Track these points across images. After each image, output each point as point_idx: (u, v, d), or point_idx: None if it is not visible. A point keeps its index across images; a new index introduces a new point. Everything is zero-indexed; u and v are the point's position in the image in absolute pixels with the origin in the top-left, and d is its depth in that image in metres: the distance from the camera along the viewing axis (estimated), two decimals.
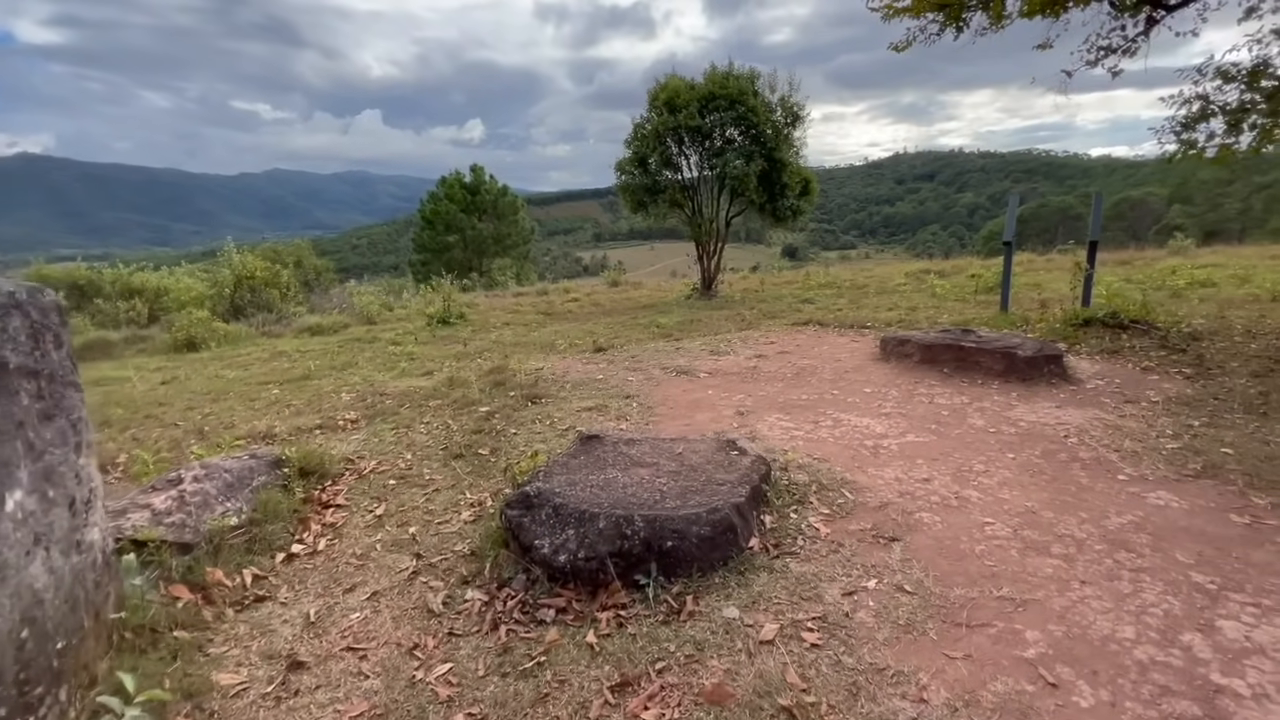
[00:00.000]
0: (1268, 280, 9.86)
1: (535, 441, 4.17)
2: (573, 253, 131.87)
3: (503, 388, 5.55)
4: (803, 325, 8.43)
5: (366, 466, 4.01)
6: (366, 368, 7.83)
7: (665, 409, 4.68)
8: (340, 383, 6.96)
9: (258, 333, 13.02)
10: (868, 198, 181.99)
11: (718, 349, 6.54)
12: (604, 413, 4.66)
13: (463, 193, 29.40)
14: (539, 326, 11.50)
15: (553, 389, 5.46)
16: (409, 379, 6.71)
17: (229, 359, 10.04)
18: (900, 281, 14.37)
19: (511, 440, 4.23)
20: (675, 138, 13.42)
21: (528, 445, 4.10)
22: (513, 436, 4.30)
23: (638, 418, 4.50)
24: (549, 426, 4.44)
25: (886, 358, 5.49)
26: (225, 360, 9.85)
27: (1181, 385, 4.60)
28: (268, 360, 9.43)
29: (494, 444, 4.20)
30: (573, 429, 4.36)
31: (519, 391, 5.37)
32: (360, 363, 8.29)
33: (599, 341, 7.96)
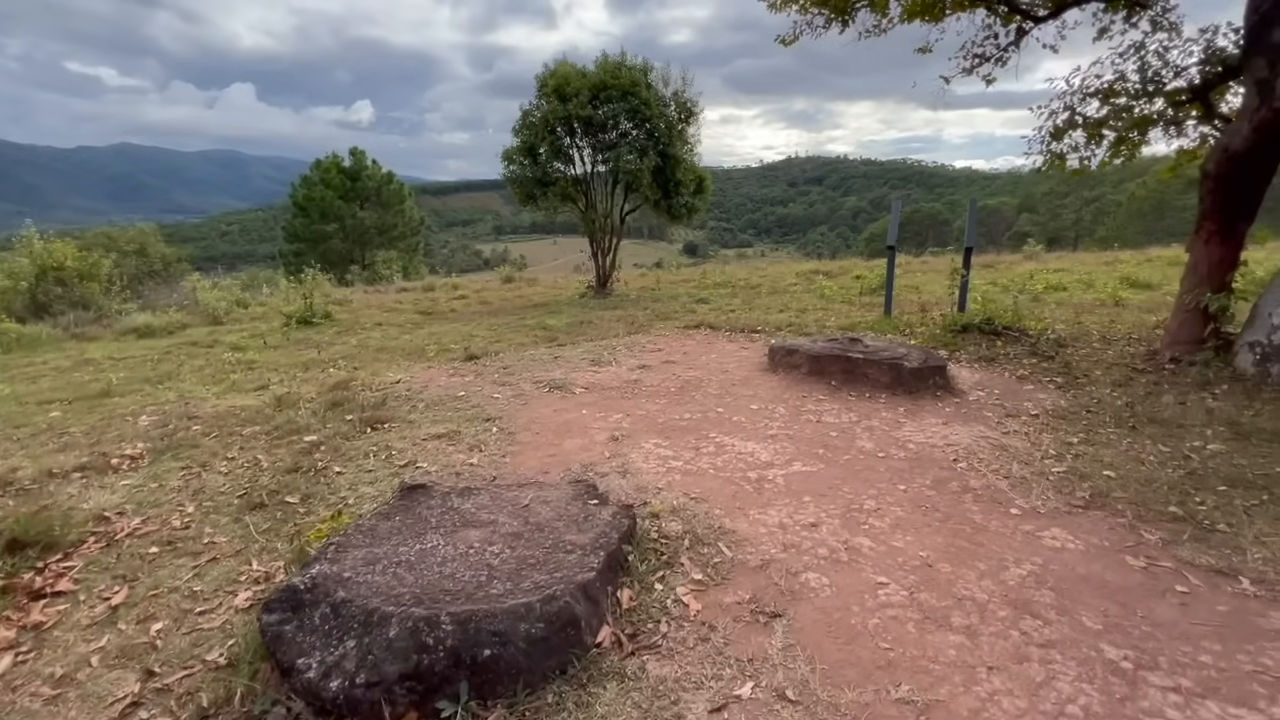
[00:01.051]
0: (1108, 286, 10.70)
1: (363, 483, 3.38)
2: (472, 245, 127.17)
3: (341, 409, 4.65)
4: (694, 328, 8.05)
5: (124, 527, 3.05)
6: (189, 380, 6.55)
7: (530, 435, 4.03)
8: (146, 400, 5.72)
9: (66, 335, 10.94)
10: (763, 198, 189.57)
11: (600, 358, 5.96)
12: (455, 441, 3.93)
13: (341, 178, 27.00)
14: (414, 328, 10.43)
15: (402, 410, 4.64)
16: (234, 396, 5.60)
17: (15, 369, 8.22)
18: (791, 282, 14.52)
19: (333, 482, 3.41)
20: (566, 127, 12.70)
21: (352, 489, 3.31)
22: (336, 477, 3.48)
23: (495, 448, 3.82)
24: (384, 462, 3.66)
25: (775, 368, 5.16)
26: (9, 371, 8.05)
27: (1055, 396, 4.57)
28: (67, 370, 7.79)
29: (310, 488, 3.36)
30: (414, 463, 3.61)
31: (359, 414, 4.50)
32: (184, 374, 6.96)
33: (473, 347, 7.15)
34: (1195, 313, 4.99)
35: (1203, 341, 4.94)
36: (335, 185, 26.81)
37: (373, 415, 4.49)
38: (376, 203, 28.01)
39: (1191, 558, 2.45)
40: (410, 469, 3.53)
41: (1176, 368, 4.92)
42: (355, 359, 7.44)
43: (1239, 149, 4.45)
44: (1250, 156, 4.47)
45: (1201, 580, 2.31)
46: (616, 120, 12.59)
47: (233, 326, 11.57)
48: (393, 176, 28.25)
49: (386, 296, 16.65)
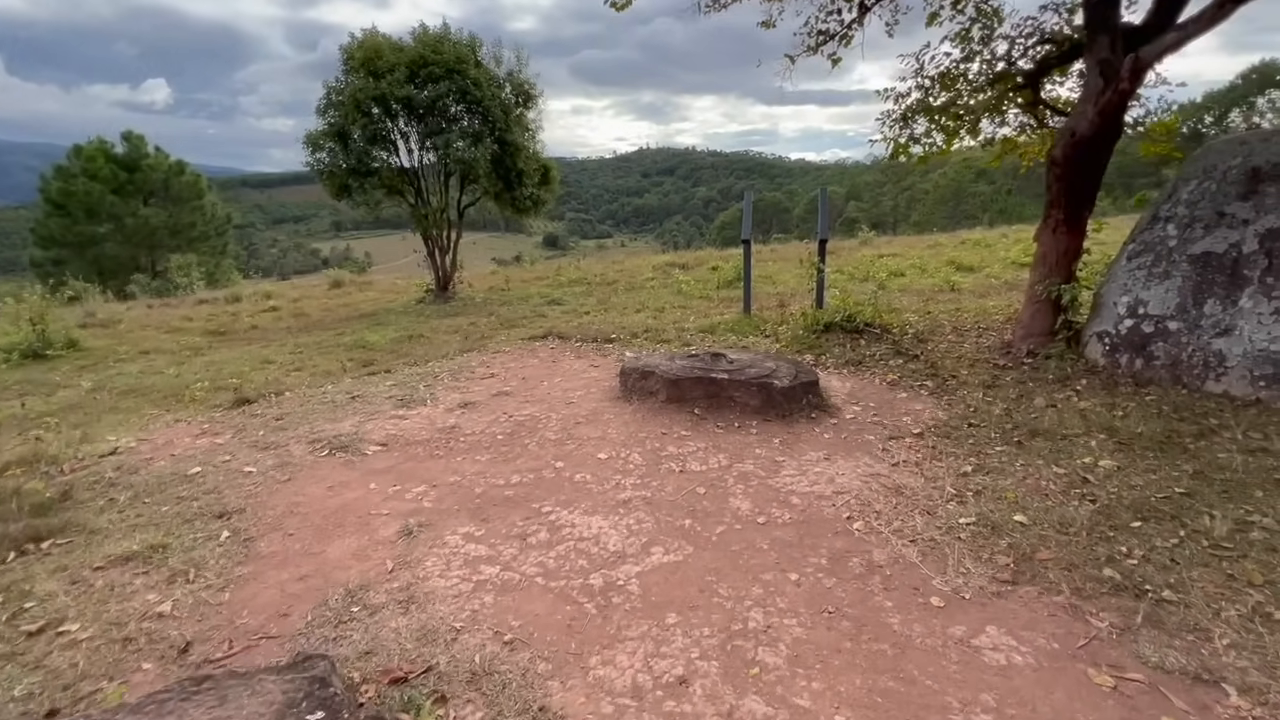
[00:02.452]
0: (940, 272, 11.19)
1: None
2: (308, 244, 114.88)
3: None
4: (541, 339, 6.97)
5: None
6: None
7: (279, 539, 2.74)
8: None
9: None
10: (619, 189, 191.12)
11: (414, 394, 4.69)
12: (152, 566, 2.55)
13: (111, 168, 22.22)
14: (191, 356, 8.30)
15: (92, 507, 3.10)
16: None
17: None
18: (648, 276, 13.88)
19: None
20: (383, 109, 10.91)
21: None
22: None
23: (214, 572, 2.50)
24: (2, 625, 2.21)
25: (628, 395, 4.25)
26: None
27: (932, 406, 4.12)
28: None
29: None
30: (60, 623, 2.21)
31: (12, 524, 2.91)
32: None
33: (253, 384, 5.51)
34: (1046, 303, 4.83)
35: (1054, 333, 4.79)
36: (104, 177, 21.97)
37: (34, 525, 2.92)
38: (165, 198, 23.50)
39: (1158, 658, 1.86)
40: (43, 636, 2.13)
41: (1034, 361, 4.73)
42: (81, 411, 5.48)
43: (1085, 133, 4.27)
44: (1094, 141, 4.31)
45: (1186, 702, 1.72)
46: (444, 103, 11.03)
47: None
48: (184, 166, 23.75)
49: (176, 311, 13.67)
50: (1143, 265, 4.39)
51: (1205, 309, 4.03)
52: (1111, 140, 4.40)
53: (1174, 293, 4.19)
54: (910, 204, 70.00)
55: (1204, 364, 3.98)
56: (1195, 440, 3.34)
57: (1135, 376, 4.25)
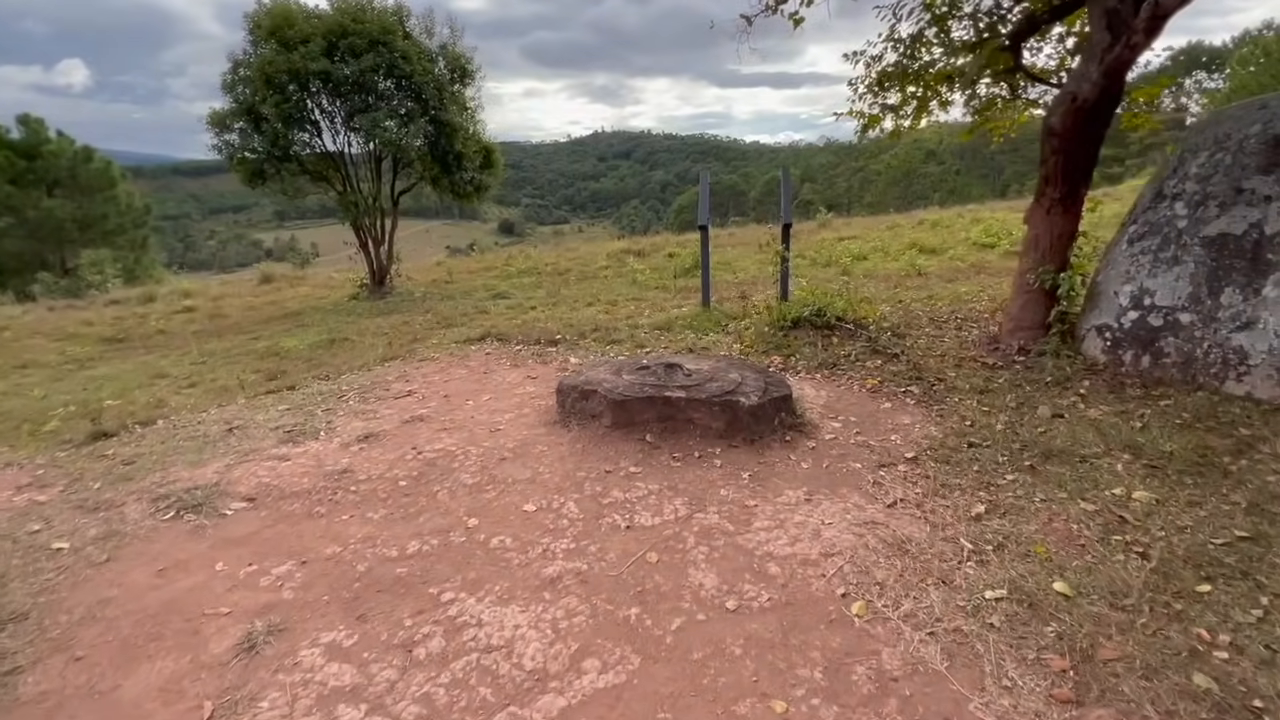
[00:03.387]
0: (904, 255, 10.75)
1: None
2: (249, 235, 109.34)
3: None
4: (477, 341, 6.15)
5: None
6: None
7: (58, 667, 1.93)
8: None
9: None
10: (575, 174, 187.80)
11: (308, 421, 3.84)
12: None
13: (6, 155, 20.06)
14: (74, 370, 7.18)
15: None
16: None
17: None
18: (602, 265, 13.08)
19: None
20: (299, 84, 9.74)
21: None
22: None
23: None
24: None
25: (567, 419, 3.52)
26: None
27: (921, 419, 3.53)
28: None
29: None
30: None
31: None
32: None
33: (122, 410, 4.56)
34: (1038, 294, 4.29)
35: (1047, 327, 4.26)
36: (1, 167, 19.85)
37: None
38: (72, 187, 21.40)
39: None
40: None
41: (1027, 359, 4.19)
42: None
43: (1089, 97, 3.70)
44: (1097, 106, 3.75)
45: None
46: (370, 78, 9.92)
47: None
48: (92, 153, 21.59)
49: (79, 314, 12.22)
50: (1147, 249, 3.87)
51: (1222, 299, 3.52)
52: (1114, 106, 3.85)
53: (1185, 280, 3.67)
54: (863, 185, 70.66)
55: (1222, 362, 3.48)
56: (1234, 459, 2.82)
57: (1142, 376, 3.74)
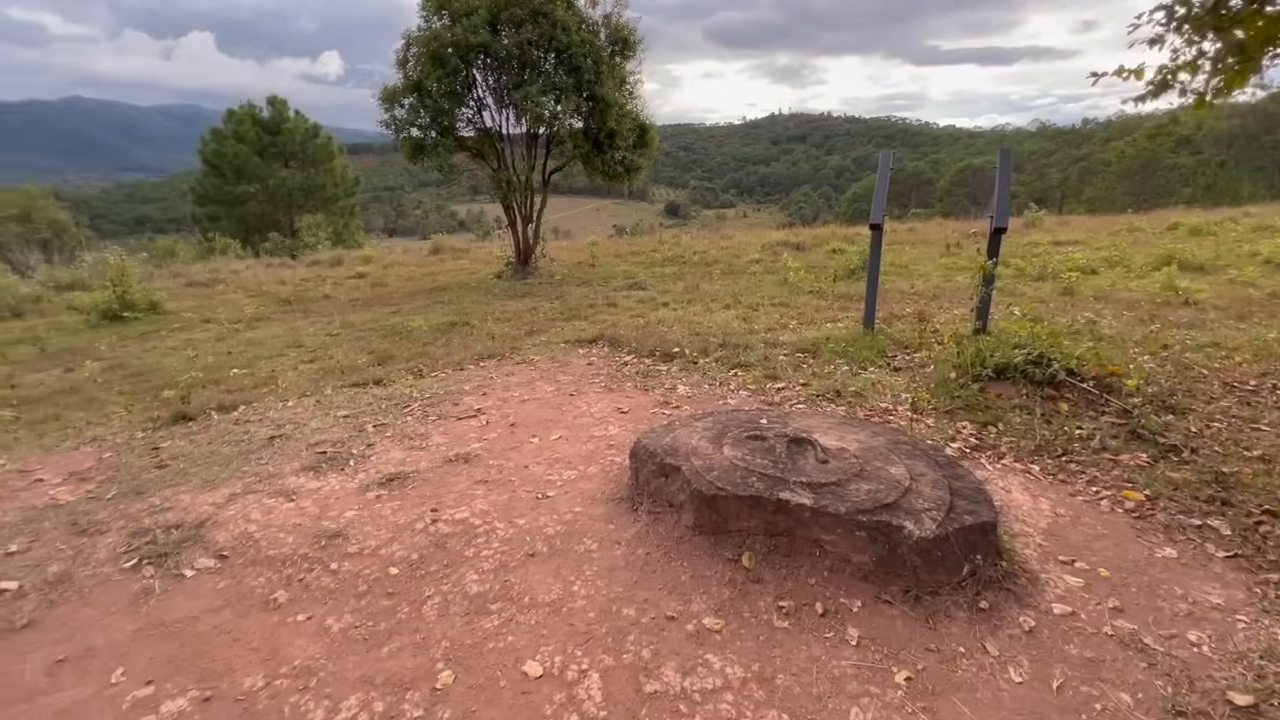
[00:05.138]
0: (1155, 272, 8.07)
1: None
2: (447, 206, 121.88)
3: None
4: (587, 344, 5.32)
5: None
6: None
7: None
8: None
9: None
10: (746, 157, 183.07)
11: (348, 441, 3.21)
12: None
13: (257, 131, 23.34)
14: (241, 330, 7.58)
15: None
16: None
17: None
18: (754, 257, 11.74)
19: None
20: (461, 59, 9.58)
21: None
22: None
23: None
24: None
25: (636, 500, 2.47)
26: None
27: (1247, 603, 1.96)
28: None
29: None
30: None
31: None
32: None
33: (188, 399, 4.33)
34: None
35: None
36: (250, 139, 23.14)
37: None
38: (303, 160, 24.46)
39: None
40: None
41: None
42: (52, 403, 4.64)
43: None
44: None
45: None
46: (528, 51, 9.48)
47: (33, 321, 8.70)
48: (319, 130, 24.51)
49: (284, 272, 13.63)
50: None
51: None
52: None
53: None
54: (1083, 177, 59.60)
55: None
56: None
57: None
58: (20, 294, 9.90)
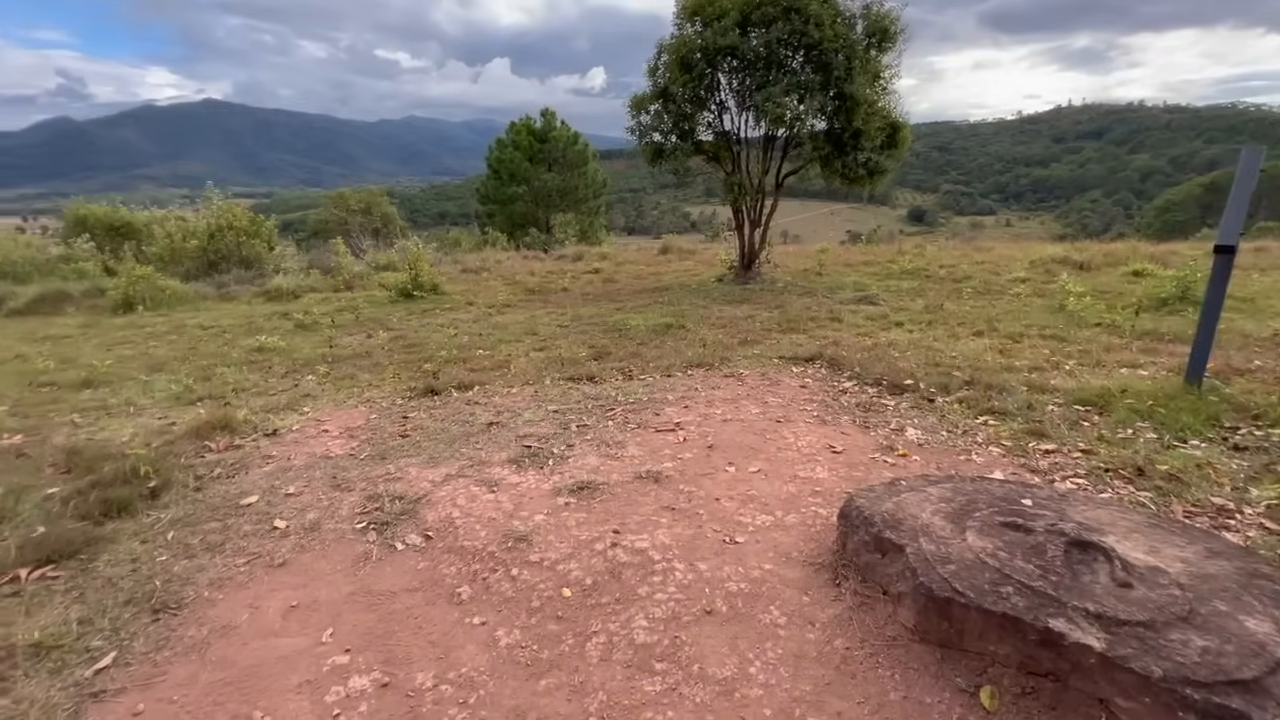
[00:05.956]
0: None
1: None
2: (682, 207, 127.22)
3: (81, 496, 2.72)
4: (803, 363, 4.87)
5: None
6: (157, 380, 5.37)
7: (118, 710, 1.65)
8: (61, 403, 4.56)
9: (215, 294, 11.27)
10: (1016, 157, 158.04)
11: (552, 439, 3.27)
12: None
13: (530, 140, 26.73)
14: (493, 313, 8.62)
15: (137, 525, 2.56)
16: (151, 412, 4.14)
17: (135, 326, 8.24)
18: (1019, 275, 9.89)
19: None
20: (708, 62, 9.63)
21: None
22: None
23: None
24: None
25: (840, 573, 2.00)
26: (123, 329, 8.00)
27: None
28: (151, 337, 7.42)
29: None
30: None
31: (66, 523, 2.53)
32: (179, 364, 5.88)
33: (439, 375, 4.91)
34: None
35: None
36: (524, 147, 26.62)
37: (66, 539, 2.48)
38: (563, 164, 27.39)
39: None
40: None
41: None
42: (353, 364, 5.72)
43: None
44: None
45: None
46: (775, 50, 9.16)
47: (356, 293, 11.03)
48: (578, 137, 27.21)
49: (534, 264, 15.41)
50: None
51: None
52: None
53: None
54: None
55: None
56: None
57: None
58: (353, 271, 12.55)
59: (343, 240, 13.05)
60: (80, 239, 13.18)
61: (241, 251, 12.50)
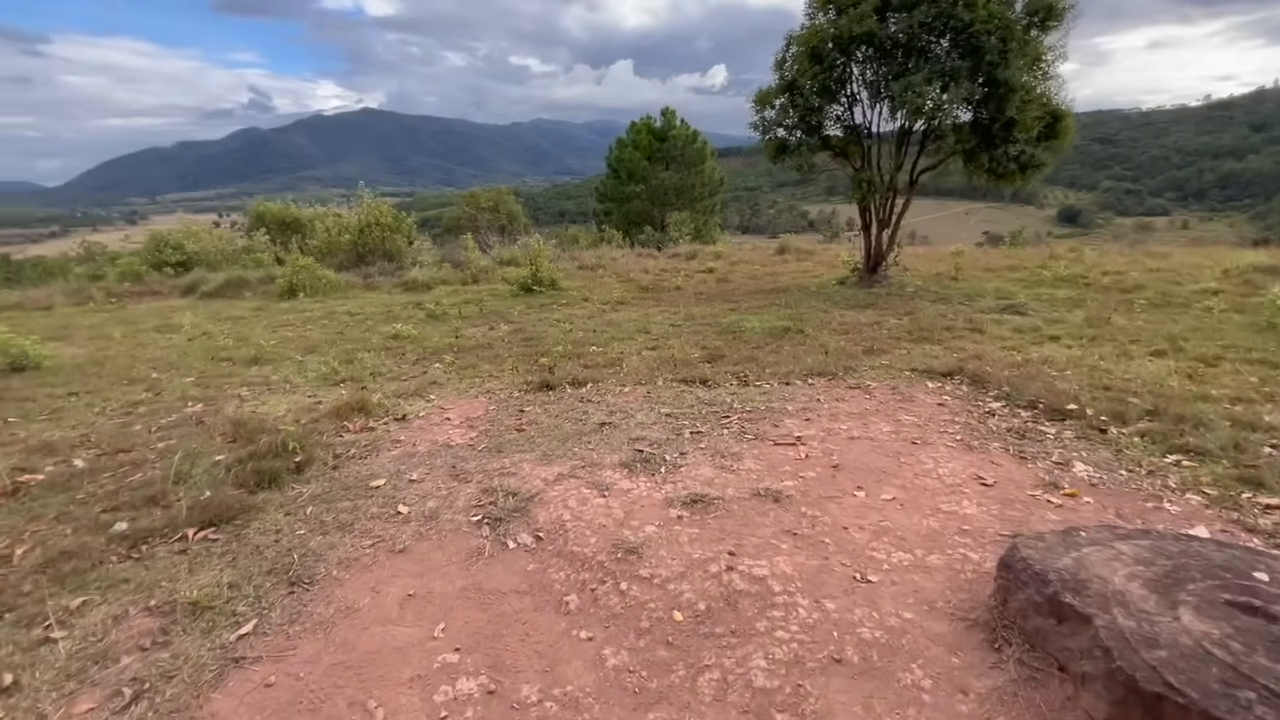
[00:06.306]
0: None
1: None
2: (799, 206, 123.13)
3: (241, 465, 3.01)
4: (940, 377, 4.39)
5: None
6: (310, 361, 5.94)
7: (242, 685, 1.73)
8: (234, 377, 5.16)
9: (362, 283, 12.39)
10: (1199, 149, 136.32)
11: (665, 444, 3.14)
12: (176, 624, 1.87)
13: (649, 139, 26.94)
14: (608, 310, 8.71)
15: (281, 500, 2.78)
16: (304, 391, 4.61)
17: (296, 311, 9.25)
18: (1209, 285, 8.43)
19: None
20: (842, 51, 9.09)
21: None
22: None
23: (171, 695, 1.65)
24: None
25: (997, 644, 1.65)
26: (286, 313, 9.01)
27: None
28: (308, 321, 8.28)
29: None
30: None
31: (222, 489, 2.79)
32: (328, 347, 6.48)
33: (554, 370, 4.95)
34: None
35: None
36: (644, 146, 26.86)
37: (225, 504, 2.73)
38: (681, 163, 27.35)
39: None
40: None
41: None
42: (475, 354, 5.98)
43: None
44: None
45: None
46: (917, 35, 8.45)
47: (481, 287, 11.66)
48: (697, 135, 27.01)
49: (643, 262, 15.50)
50: None
51: None
52: None
53: None
54: None
55: None
56: None
57: None
58: (480, 265, 13.25)
59: (472, 236, 13.85)
60: (259, 233, 15.03)
61: (385, 245, 13.64)
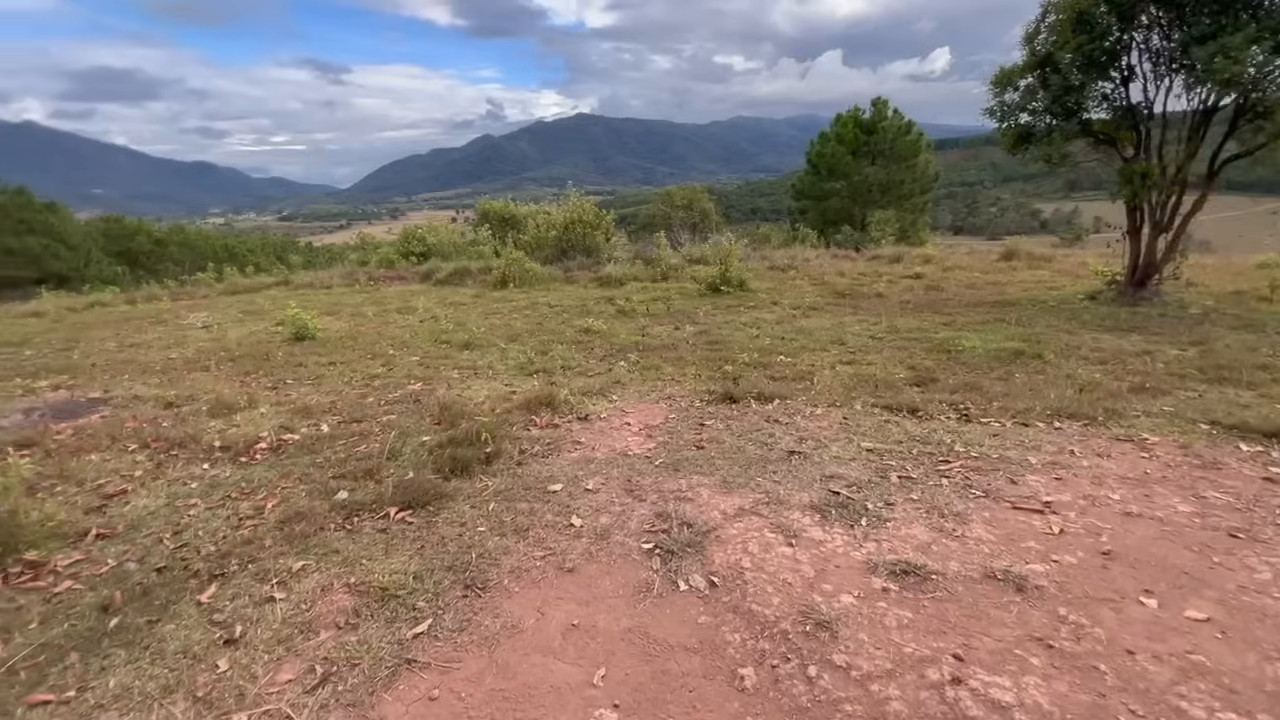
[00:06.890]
0: None
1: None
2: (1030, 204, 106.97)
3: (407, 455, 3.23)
4: (1264, 439, 3.22)
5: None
6: (530, 341, 6.40)
7: (397, 706, 1.70)
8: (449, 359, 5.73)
9: (562, 276, 13.26)
10: None
11: (865, 489, 2.62)
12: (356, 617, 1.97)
13: (855, 132, 25.10)
14: (798, 316, 8.18)
15: (468, 493, 2.88)
16: (502, 379, 4.98)
17: (505, 300, 10.20)
18: None
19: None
20: (1120, 15, 7.38)
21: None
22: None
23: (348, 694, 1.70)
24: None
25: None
26: (497, 301, 9.98)
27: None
28: (514, 311, 9.07)
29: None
30: None
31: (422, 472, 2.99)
32: (529, 337, 6.94)
33: (738, 380, 4.61)
34: None
35: None
36: (849, 140, 25.09)
37: (424, 488, 2.89)
38: (890, 157, 25.09)
39: None
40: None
41: None
42: (660, 354, 5.94)
43: None
44: None
45: None
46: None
47: (670, 284, 11.79)
48: (911, 126, 24.45)
49: (840, 264, 14.43)
50: None
51: None
52: None
53: None
54: None
55: None
56: None
57: None
58: (670, 263, 13.37)
59: (664, 234, 14.05)
60: (483, 228, 16.91)
61: (585, 241, 14.44)
